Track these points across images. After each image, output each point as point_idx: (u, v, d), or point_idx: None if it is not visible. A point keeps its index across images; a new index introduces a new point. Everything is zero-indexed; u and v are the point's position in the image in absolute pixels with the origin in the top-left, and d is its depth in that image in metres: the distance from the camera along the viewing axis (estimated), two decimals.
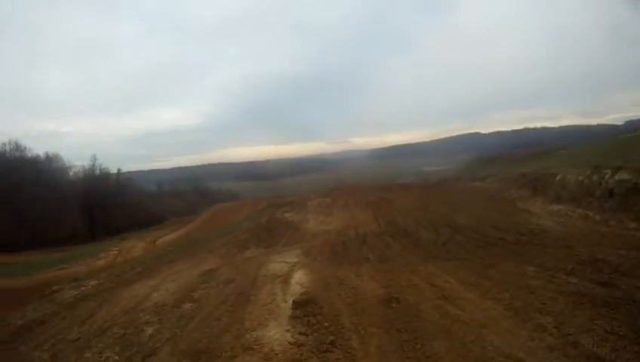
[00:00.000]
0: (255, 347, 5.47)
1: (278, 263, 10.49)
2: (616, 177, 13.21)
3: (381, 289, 7.50)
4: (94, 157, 47.43)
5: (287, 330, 5.95)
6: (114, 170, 49.59)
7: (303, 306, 6.73)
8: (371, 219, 16.56)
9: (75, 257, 19.79)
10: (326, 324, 6.03)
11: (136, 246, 28.70)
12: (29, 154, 41.72)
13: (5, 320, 7.84)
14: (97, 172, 47.09)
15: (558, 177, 15.72)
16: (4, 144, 39.98)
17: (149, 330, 6.47)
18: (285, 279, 8.75)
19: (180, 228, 33.48)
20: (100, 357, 5.71)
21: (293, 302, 6.99)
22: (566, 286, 6.87)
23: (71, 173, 46.39)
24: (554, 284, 7.01)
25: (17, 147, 40.58)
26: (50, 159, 43.91)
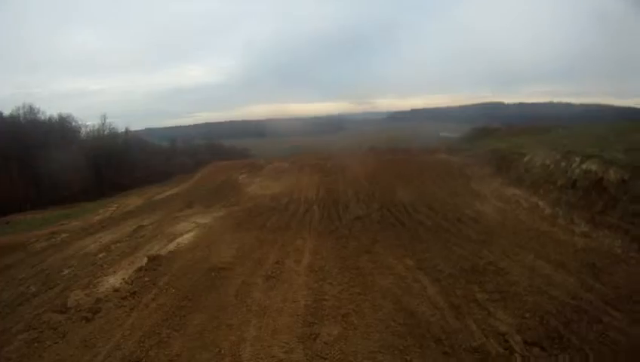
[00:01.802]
0: (93, 287, 6.86)
1: (190, 223, 11.25)
2: (583, 166, 10.88)
3: (231, 256, 8.09)
4: (104, 117, 47.20)
5: (123, 278, 7.09)
6: (134, 128, 50.14)
7: (152, 262, 7.78)
8: (313, 186, 15.69)
9: (76, 214, 20.11)
10: (146, 279, 7.01)
11: (133, 202, 28.97)
12: (42, 117, 41.99)
13: None
14: (106, 131, 46.72)
15: (526, 158, 13.41)
16: (19, 108, 40.47)
17: (66, 271, 8.01)
18: (174, 237, 9.72)
19: (179, 185, 33.67)
20: (28, 289, 7.30)
21: (147, 257, 8.01)
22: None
23: (82, 133, 45.88)
24: (400, 285, 6.55)
25: (31, 110, 41.01)
26: (63, 120, 43.82)
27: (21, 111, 40.60)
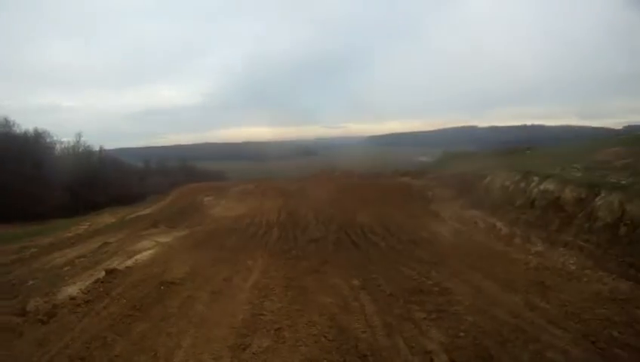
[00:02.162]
0: (52, 295, 7.14)
1: (150, 241, 11.33)
2: (541, 186, 10.71)
3: (184, 272, 8.16)
4: (79, 135, 45.71)
5: (81, 289, 7.36)
6: (107, 147, 48.88)
7: (109, 275, 8.00)
8: (276, 209, 15.21)
9: (48, 230, 19.08)
10: (101, 290, 7.29)
11: (103, 221, 27.82)
12: (17, 130, 40.32)
13: None
14: (80, 149, 45.19)
15: (487, 180, 13.18)
16: None
17: (30, 282, 8.31)
18: (133, 254, 9.83)
19: (151, 205, 32.71)
20: None
21: (105, 270, 8.20)
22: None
23: (57, 150, 44.28)
24: (339, 304, 6.36)
25: (6, 123, 39.33)
26: (38, 135, 42.17)
27: None
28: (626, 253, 7.17)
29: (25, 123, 50.89)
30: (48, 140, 43.13)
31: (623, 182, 8.93)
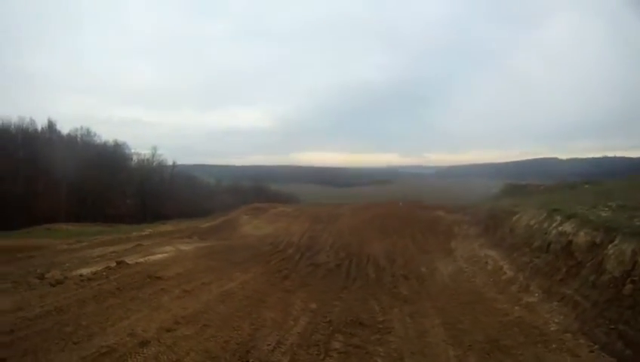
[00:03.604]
0: (69, 271, 9.18)
1: (172, 247, 12.71)
2: (560, 228, 9.40)
3: (175, 273, 9.16)
4: (154, 148, 49.41)
5: (92, 271, 9.03)
6: (184, 162, 53.41)
7: (118, 265, 9.53)
8: (300, 232, 15.49)
9: (110, 231, 22.12)
10: (104, 274, 8.80)
11: (162, 229, 30.56)
12: (98, 141, 45.45)
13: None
14: (155, 163, 49.05)
15: (515, 218, 11.90)
16: (77, 129, 43.98)
17: (66, 265, 10.28)
18: (150, 255, 11.25)
19: (209, 221, 34.94)
20: (34, 269, 9.78)
21: (116, 262, 9.85)
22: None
23: (134, 161, 48.45)
24: (276, 320, 6.63)
25: (88, 133, 44.47)
26: (118, 146, 47.01)
27: (79, 133, 44.13)
28: (623, 319, 5.90)
29: (107, 134, 56.43)
30: (127, 151, 47.73)
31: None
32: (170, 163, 51.73)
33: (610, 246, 7.44)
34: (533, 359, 5.38)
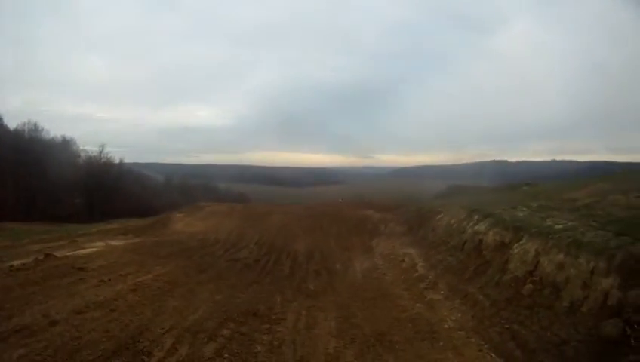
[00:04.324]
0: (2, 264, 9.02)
1: (103, 243, 12.62)
2: (476, 227, 9.22)
3: (98, 265, 9.15)
4: (102, 146, 47.12)
5: (21, 261, 9.09)
6: (139, 161, 50.54)
7: (46, 257, 9.54)
8: (229, 230, 14.92)
9: (57, 231, 20.38)
10: (32, 264, 8.86)
11: (110, 227, 28.73)
12: (46, 136, 42.50)
13: None
14: (102, 160, 46.18)
15: (439, 217, 11.71)
16: (24, 123, 40.84)
17: (4, 259, 9.64)
18: (80, 249, 11.20)
19: (149, 219, 33.44)
20: None
21: (44, 254, 9.79)
22: None
23: (82, 158, 45.66)
24: (177, 307, 6.68)
25: (35, 128, 41.40)
26: (66, 142, 44.58)
27: (26, 127, 41.03)
28: (518, 319, 5.68)
29: (57, 129, 53.23)
30: (74, 148, 45.01)
31: (559, 226, 7.26)
32: (117, 161, 48.99)
33: (516, 245, 7.33)
34: (414, 356, 4.99)
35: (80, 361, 4.61)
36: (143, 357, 4.78)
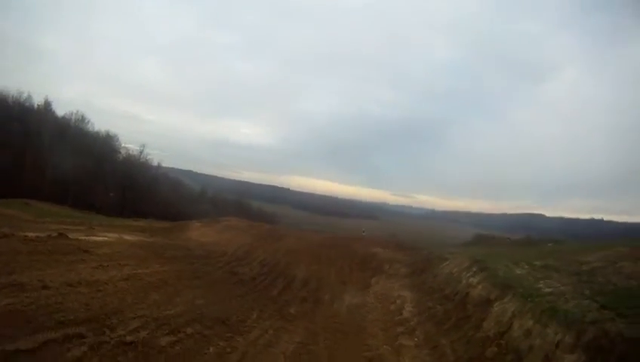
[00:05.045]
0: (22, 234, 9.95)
1: (117, 235, 13.17)
2: (471, 279, 9.07)
3: (103, 252, 9.78)
4: (143, 146, 49.73)
5: (36, 235, 10.02)
6: (177, 166, 53.00)
7: (60, 235, 10.58)
8: (239, 245, 15.31)
9: (80, 217, 22.48)
10: (45, 239, 9.76)
11: (133, 224, 30.23)
12: (91, 128, 45.30)
13: None
14: (141, 160, 48.92)
15: (444, 264, 11.54)
16: (72, 113, 43.65)
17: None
18: (94, 236, 11.97)
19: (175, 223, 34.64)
20: None
21: (58, 233, 10.80)
22: None
23: (122, 155, 47.97)
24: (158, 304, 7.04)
25: (82, 119, 44.20)
26: (109, 137, 46.94)
27: (73, 117, 43.85)
28: None
29: (103, 124, 55.51)
30: (116, 144, 47.42)
31: (548, 289, 6.98)
32: (156, 163, 51.39)
33: (497, 304, 7.11)
34: None
35: (54, 320, 5.16)
36: (106, 329, 5.29)
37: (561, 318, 5.46)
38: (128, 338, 5.16)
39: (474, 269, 9.54)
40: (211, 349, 5.54)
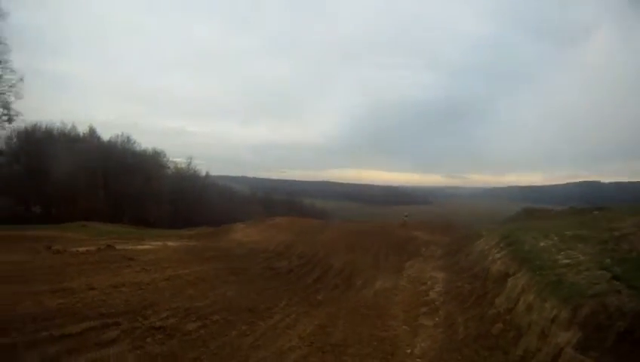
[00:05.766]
0: (71, 248, 11.87)
1: (161, 243, 14.92)
2: (497, 255, 9.05)
3: (146, 259, 10.92)
4: (190, 158, 52.06)
5: (86, 248, 11.88)
6: (227, 174, 55.06)
7: (107, 247, 12.28)
8: (280, 241, 16.03)
9: (134, 233, 24.28)
10: (93, 251, 11.60)
11: (185, 233, 32.36)
12: (137, 148, 47.53)
13: None
14: (190, 172, 51.45)
15: (477, 242, 11.56)
16: (117, 136, 46.10)
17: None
18: (140, 245, 13.47)
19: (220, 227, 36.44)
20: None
21: (107, 245, 12.44)
22: None
23: (170, 169, 50.29)
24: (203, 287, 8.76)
25: (128, 140, 46.52)
26: (156, 154, 49.19)
27: (119, 139, 46.29)
28: (474, 359, 5.57)
29: (150, 142, 58.25)
30: (163, 159, 49.63)
31: (566, 260, 6.88)
32: (204, 173, 53.82)
33: (510, 279, 7.15)
34: None
35: (96, 313, 6.22)
36: (140, 318, 6.25)
37: (562, 292, 5.35)
38: (157, 324, 6.11)
39: (501, 245, 9.49)
40: (233, 332, 6.30)
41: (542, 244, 8.57)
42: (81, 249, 11.23)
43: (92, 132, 44.87)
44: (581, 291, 5.17)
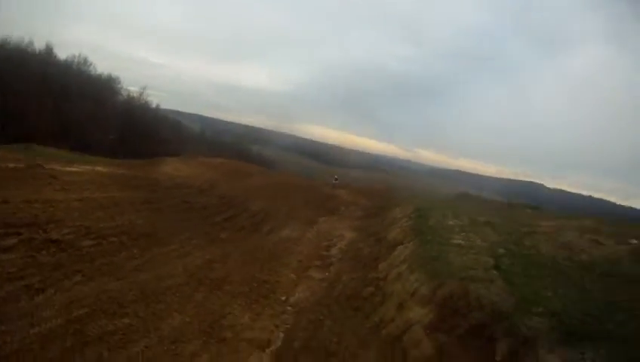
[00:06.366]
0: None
1: (91, 167, 13.41)
2: (403, 223, 9.03)
3: (71, 180, 10.40)
4: (143, 88, 49.60)
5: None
6: (185, 110, 51.62)
7: (36, 165, 11.00)
8: (207, 179, 15.76)
9: (75, 159, 22.33)
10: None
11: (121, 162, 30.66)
12: (93, 71, 44.69)
13: None
14: (140, 102, 48.67)
15: (395, 209, 11.61)
16: (75, 56, 43.19)
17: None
18: (70, 167, 12.18)
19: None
20: None
21: (37, 164, 11.10)
22: None
23: (123, 97, 47.60)
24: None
25: (85, 62, 43.61)
26: (110, 80, 46.37)
27: (75, 60, 43.28)
28: (337, 317, 5.56)
29: (108, 68, 54.28)
30: (117, 86, 46.69)
31: (461, 241, 7.06)
32: (154, 105, 51.18)
33: (400, 247, 7.16)
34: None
35: (2, 222, 6.19)
36: (41, 231, 6.40)
37: (432, 267, 5.31)
38: (55, 238, 6.26)
39: (412, 216, 9.58)
40: (123, 254, 6.47)
41: (449, 223, 8.74)
42: (10, 165, 10.56)
43: (48, 50, 40.96)
44: (452, 271, 5.12)
